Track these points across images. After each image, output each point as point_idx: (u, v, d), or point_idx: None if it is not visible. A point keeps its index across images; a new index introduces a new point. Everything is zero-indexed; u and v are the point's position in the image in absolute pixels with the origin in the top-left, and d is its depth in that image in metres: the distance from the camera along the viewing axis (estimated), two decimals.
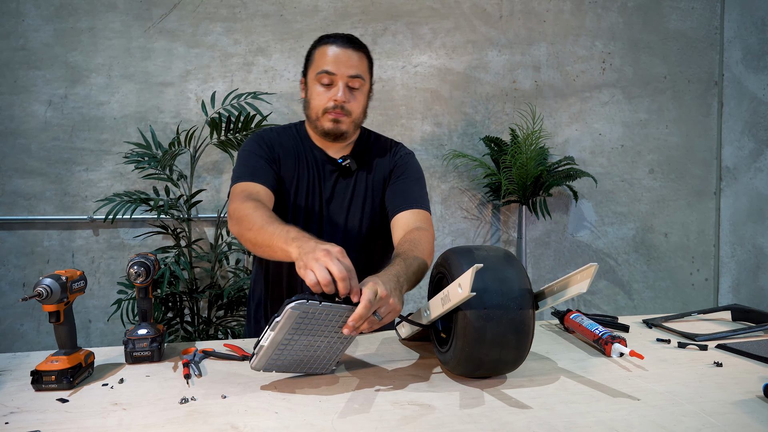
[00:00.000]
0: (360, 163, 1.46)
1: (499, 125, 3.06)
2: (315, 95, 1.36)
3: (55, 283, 1.04)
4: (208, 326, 2.57)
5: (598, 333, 1.25)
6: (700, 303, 3.25)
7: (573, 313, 1.39)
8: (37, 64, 2.68)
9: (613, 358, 1.20)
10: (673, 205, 3.24)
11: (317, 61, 1.36)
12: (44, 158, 2.70)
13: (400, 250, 1.22)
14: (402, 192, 1.44)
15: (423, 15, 2.97)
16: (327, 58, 1.34)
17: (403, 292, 1.10)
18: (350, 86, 1.35)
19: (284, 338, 1.00)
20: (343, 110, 1.35)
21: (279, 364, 1.06)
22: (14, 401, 0.99)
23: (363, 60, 1.37)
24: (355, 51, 1.35)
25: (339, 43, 1.34)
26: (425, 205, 1.43)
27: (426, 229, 1.34)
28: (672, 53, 3.19)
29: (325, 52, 1.34)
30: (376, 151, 1.50)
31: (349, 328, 0.98)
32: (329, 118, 1.36)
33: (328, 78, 1.33)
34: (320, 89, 1.35)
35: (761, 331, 1.36)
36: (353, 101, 1.36)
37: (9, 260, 2.71)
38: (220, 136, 2.55)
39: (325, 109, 1.35)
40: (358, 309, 0.96)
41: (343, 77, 1.33)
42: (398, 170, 1.47)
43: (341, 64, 1.33)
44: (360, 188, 1.45)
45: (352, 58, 1.34)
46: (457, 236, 3.05)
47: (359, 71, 1.35)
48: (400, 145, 1.54)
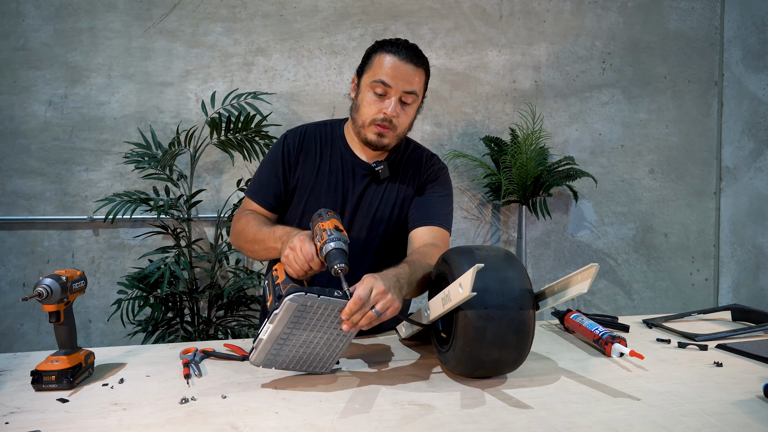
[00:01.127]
0: (393, 172, 1.44)
1: (499, 125, 3.06)
2: (366, 102, 1.34)
3: (55, 283, 1.04)
4: (208, 326, 2.57)
5: (598, 333, 1.26)
6: (700, 303, 3.25)
7: (573, 313, 1.40)
8: (37, 64, 2.68)
9: (613, 358, 1.20)
10: (673, 205, 3.24)
11: (375, 67, 1.32)
12: (44, 158, 2.70)
13: (408, 259, 1.25)
14: (425, 206, 1.42)
15: (423, 15, 2.97)
16: (385, 68, 1.30)
17: (403, 293, 1.10)
18: (403, 101, 1.32)
19: (283, 332, 1.00)
20: (391, 124, 1.33)
21: (279, 361, 1.06)
22: (14, 401, 0.99)
23: (421, 76, 1.34)
24: (415, 66, 1.31)
25: (401, 55, 1.30)
26: (446, 223, 1.41)
27: (440, 246, 1.33)
28: (672, 53, 3.19)
29: (385, 61, 1.30)
30: (411, 161, 1.47)
31: (346, 323, 1.00)
32: (375, 130, 1.34)
33: (382, 89, 1.30)
34: (372, 97, 1.32)
35: (761, 331, 1.36)
36: (402, 116, 1.34)
37: (9, 260, 2.71)
38: (220, 136, 2.55)
39: (374, 119, 1.33)
40: (349, 302, 0.99)
41: (398, 91, 1.30)
42: (428, 183, 1.45)
43: (399, 78, 1.30)
44: (390, 197, 1.42)
45: (411, 72, 1.31)
46: (457, 236, 3.05)
47: (415, 87, 1.32)
48: (436, 158, 1.51)
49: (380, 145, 1.36)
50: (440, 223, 1.39)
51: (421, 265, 1.21)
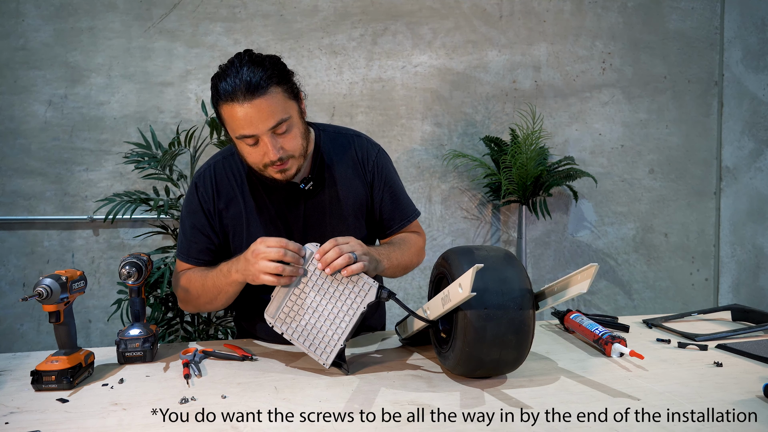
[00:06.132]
0: (327, 177, 1.35)
1: (499, 125, 3.06)
2: (246, 154, 1.22)
3: (55, 283, 1.04)
4: (208, 326, 2.57)
5: (598, 333, 1.26)
6: (700, 303, 3.25)
7: (573, 313, 1.39)
8: (37, 64, 2.68)
9: (613, 358, 1.20)
10: (673, 205, 3.24)
11: (229, 123, 1.18)
12: (44, 158, 2.70)
13: (385, 241, 1.38)
14: (390, 211, 1.41)
15: (423, 15, 2.97)
16: (238, 119, 1.15)
17: (380, 260, 1.22)
18: (277, 133, 1.18)
19: (297, 287, 1.10)
20: (282, 159, 1.20)
21: (289, 323, 1.11)
22: (14, 401, 0.99)
23: (276, 96, 1.16)
24: (262, 96, 1.14)
25: (241, 98, 1.13)
26: (411, 211, 1.46)
27: (417, 231, 1.45)
28: (672, 53, 3.19)
29: (233, 112, 1.15)
30: (342, 156, 1.38)
31: (321, 262, 1.10)
32: (274, 170, 1.22)
33: (251, 140, 1.18)
34: (249, 149, 1.20)
35: (761, 331, 1.36)
36: (288, 143, 1.20)
37: (9, 260, 2.71)
38: (220, 136, 2.55)
39: (265, 164, 1.21)
40: (325, 244, 1.11)
41: (266, 133, 1.16)
42: (377, 180, 1.39)
43: (256, 122, 1.15)
44: (336, 204, 1.35)
45: (263, 107, 1.14)
46: (457, 236, 3.06)
47: (278, 116, 1.16)
48: (366, 145, 1.41)
49: (290, 177, 1.25)
50: (409, 217, 1.44)
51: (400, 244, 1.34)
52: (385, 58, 2.94)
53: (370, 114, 2.95)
